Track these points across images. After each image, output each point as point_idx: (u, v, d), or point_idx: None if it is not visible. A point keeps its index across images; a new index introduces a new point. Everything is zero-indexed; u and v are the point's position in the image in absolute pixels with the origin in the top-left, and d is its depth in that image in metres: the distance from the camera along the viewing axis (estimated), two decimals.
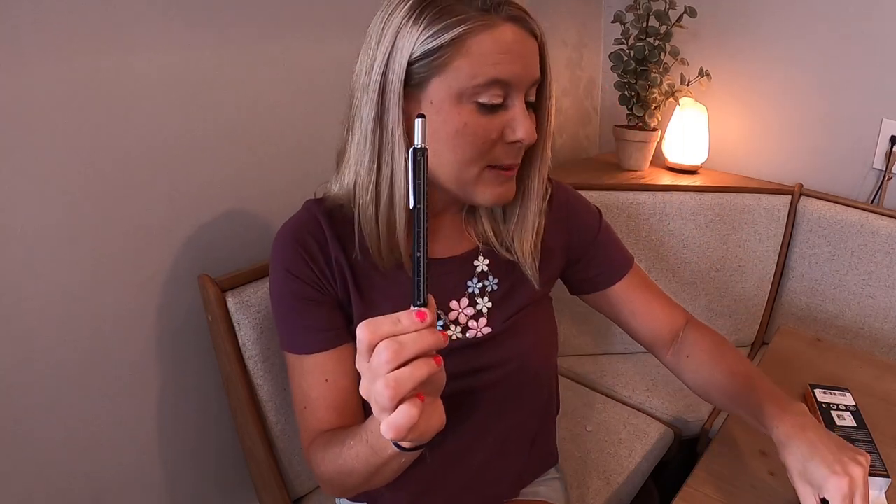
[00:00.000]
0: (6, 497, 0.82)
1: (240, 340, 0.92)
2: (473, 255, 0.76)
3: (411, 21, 0.59)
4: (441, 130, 0.61)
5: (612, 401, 1.36)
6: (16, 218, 0.76)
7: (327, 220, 0.72)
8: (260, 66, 0.98)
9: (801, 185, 1.50)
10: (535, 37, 0.62)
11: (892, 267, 1.36)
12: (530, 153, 0.68)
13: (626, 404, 1.35)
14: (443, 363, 0.47)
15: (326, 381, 0.70)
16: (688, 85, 1.57)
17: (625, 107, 1.59)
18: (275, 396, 0.95)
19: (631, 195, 1.42)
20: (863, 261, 1.39)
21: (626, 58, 1.52)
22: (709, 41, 1.63)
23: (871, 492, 0.74)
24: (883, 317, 1.38)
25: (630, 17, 1.51)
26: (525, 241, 0.73)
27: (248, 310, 0.91)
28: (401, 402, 0.44)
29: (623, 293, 0.84)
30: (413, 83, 0.61)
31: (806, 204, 1.47)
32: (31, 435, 0.83)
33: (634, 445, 1.20)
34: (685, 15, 1.48)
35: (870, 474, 0.75)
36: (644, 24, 1.48)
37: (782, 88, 1.57)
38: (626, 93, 1.57)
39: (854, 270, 1.41)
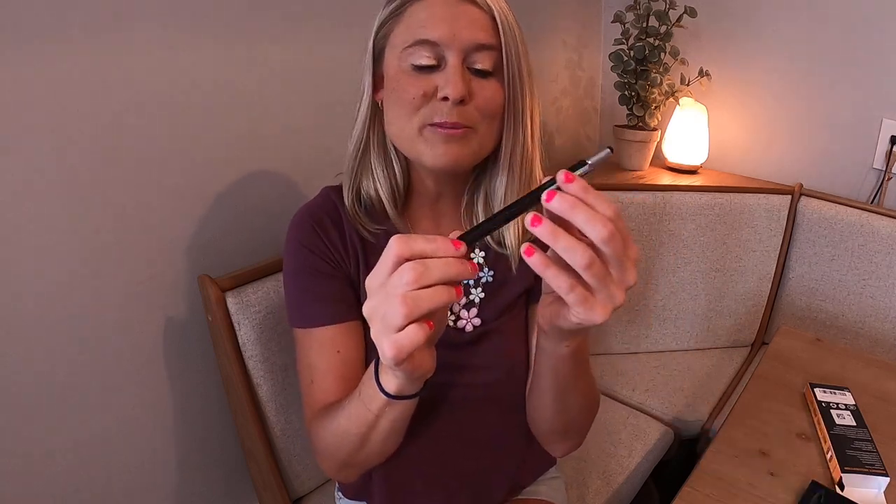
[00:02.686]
0: (7, 499, 0.82)
1: (240, 341, 0.92)
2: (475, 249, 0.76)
3: (383, 4, 0.68)
4: (389, 97, 0.67)
5: (612, 401, 1.36)
6: (15, 218, 0.76)
7: (343, 203, 0.74)
8: (261, 67, 0.98)
9: (801, 185, 1.50)
10: (479, 6, 0.64)
11: (892, 267, 1.36)
12: (497, 126, 0.67)
13: (626, 404, 1.35)
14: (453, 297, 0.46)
15: (338, 352, 0.71)
16: (688, 85, 1.57)
17: (625, 107, 1.59)
18: (275, 396, 0.95)
19: (631, 195, 1.42)
20: (863, 261, 1.39)
21: (626, 58, 1.52)
22: (709, 41, 1.63)
23: (870, 491, 0.75)
24: (883, 317, 1.38)
25: (630, 17, 1.51)
26: (510, 230, 0.73)
27: (248, 310, 0.91)
28: (410, 323, 0.44)
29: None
30: (377, 58, 0.69)
31: (806, 204, 1.47)
32: (30, 435, 0.83)
33: (634, 445, 1.20)
34: (685, 15, 1.48)
35: (869, 473, 0.75)
36: (644, 24, 1.48)
37: (782, 88, 1.57)
38: (626, 93, 1.57)
39: (854, 270, 1.41)
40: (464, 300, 0.76)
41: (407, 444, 0.68)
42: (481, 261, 0.77)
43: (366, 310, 0.47)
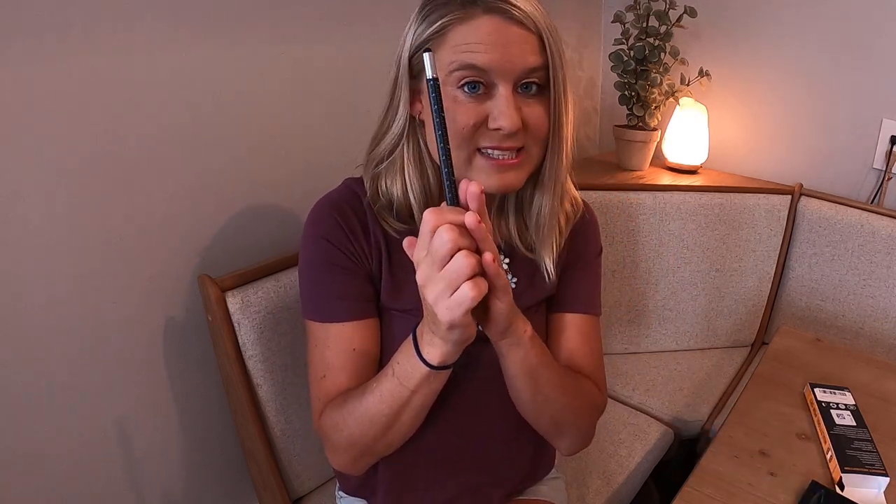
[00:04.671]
0: (7, 499, 0.82)
1: (240, 341, 0.92)
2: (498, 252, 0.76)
3: (414, 20, 0.66)
4: (431, 118, 0.64)
5: (612, 401, 1.36)
6: (16, 218, 0.76)
7: (366, 196, 0.73)
8: (259, 67, 0.98)
9: (801, 185, 1.50)
10: (526, 26, 0.62)
11: (892, 267, 1.36)
12: (542, 144, 0.68)
13: (626, 404, 1.35)
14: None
15: (354, 350, 0.71)
16: (688, 85, 1.57)
17: (625, 107, 1.59)
18: (275, 396, 0.95)
19: (631, 195, 1.42)
20: (863, 261, 1.39)
21: (626, 58, 1.52)
22: (709, 41, 1.63)
23: (870, 491, 0.75)
24: (883, 317, 1.38)
25: (630, 17, 1.51)
26: (546, 241, 0.74)
27: (248, 310, 0.91)
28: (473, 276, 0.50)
29: (568, 327, 0.80)
30: (414, 76, 0.67)
31: (806, 204, 1.47)
32: (31, 435, 0.83)
33: (634, 445, 1.20)
34: (685, 15, 1.48)
35: (869, 473, 0.75)
36: (644, 24, 1.48)
37: (782, 88, 1.57)
38: (626, 93, 1.57)
39: (854, 270, 1.41)
40: None
41: (412, 441, 0.68)
42: (506, 267, 0.77)
43: (420, 277, 0.52)
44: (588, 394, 0.76)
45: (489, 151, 0.64)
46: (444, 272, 0.50)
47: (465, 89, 0.63)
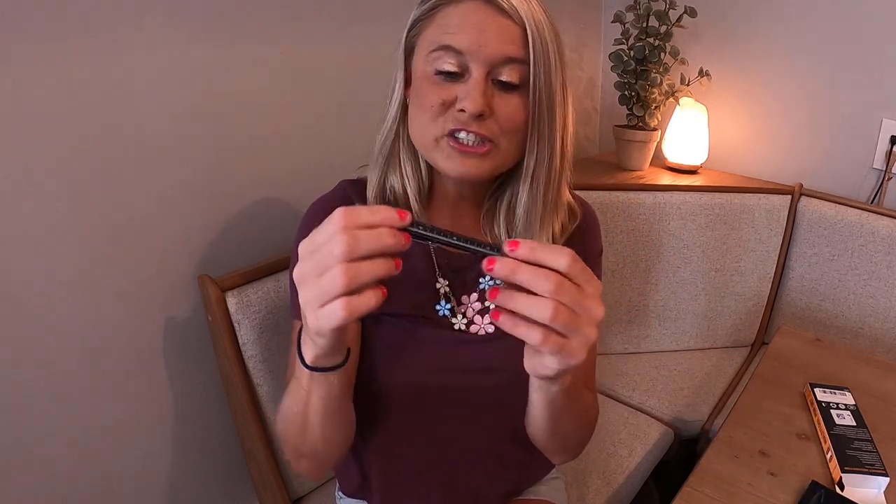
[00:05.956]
0: (7, 499, 0.82)
1: (240, 340, 0.92)
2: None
3: (418, 2, 0.67)
4: (413, 98, 0.67)
5: (612, 401, 1.36)
6: (15, 218, 0.76)
7: (360, 201, 0.73)
8: (259, 66, 0.98)
9: (801, 185, 1.50)
10: (510, 17, 0.62)
11: (892, 267, 1.36)
12: (516, 139, 0.66)
13: (626, 404, 1.35)
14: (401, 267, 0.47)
15: None
16: (688, 85, 1.57)
17: (625, 107, 1.59)
18: (275, 396, 0.95)
19: (631, 195, 1.42)
20: (863, 261, 1.39)
21: (626, 58, 1.52)
22: (709, 41, 1.63)
23: (870, 491, 0.75)
24: (883, 317, 1.38)
25: (630, 17, 1.51)
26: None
27: (248, 310, 0.91)
28: (355, 290, 0.45)
29: None
30: (408, 55, 0.68)
31: (806, 204, 1.47)
32: (30, 436, 0.83)
33: (634, 445, 1.20)
34: (685, 15, 1.48)
35: (869, 473, 0.75)
36: (644, 24, 1.48)
37: (782, 88, 1.57)
38: (626, 93, 1.57)
39: (854, 270, 1.41)
40: (478, 306, 0.75)
41: (408, 445, 0.68)
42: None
43: (296, 274, 0.47)
44: (591, 412, 0.75)
45: (457, 135, 0.64)
46: (320, 281, 0.45)
47: (441, 71, 0.63)
